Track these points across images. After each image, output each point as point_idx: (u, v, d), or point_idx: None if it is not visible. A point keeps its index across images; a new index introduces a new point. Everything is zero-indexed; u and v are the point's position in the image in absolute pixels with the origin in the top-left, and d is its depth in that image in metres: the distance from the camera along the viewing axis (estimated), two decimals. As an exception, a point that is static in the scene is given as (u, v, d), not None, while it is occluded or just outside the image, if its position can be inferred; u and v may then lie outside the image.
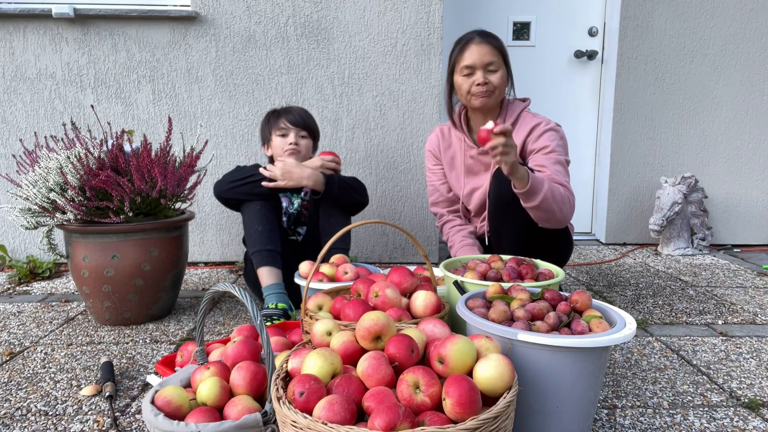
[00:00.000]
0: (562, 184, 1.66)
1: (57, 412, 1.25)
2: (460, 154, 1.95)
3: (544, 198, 1.57)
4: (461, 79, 1.81)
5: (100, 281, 1.77)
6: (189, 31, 2.55)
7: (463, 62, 1.79)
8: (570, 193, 1.67)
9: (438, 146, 2.01)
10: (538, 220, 1.65)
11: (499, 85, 1.80)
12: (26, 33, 2.51)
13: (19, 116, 2.58)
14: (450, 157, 1.99)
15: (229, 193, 1.89)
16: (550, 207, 1.60)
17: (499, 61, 1.79)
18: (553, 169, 1.72)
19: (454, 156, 1.98)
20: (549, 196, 1.58)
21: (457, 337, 0.91)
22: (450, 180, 2.02)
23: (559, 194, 1.62)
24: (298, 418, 0.77)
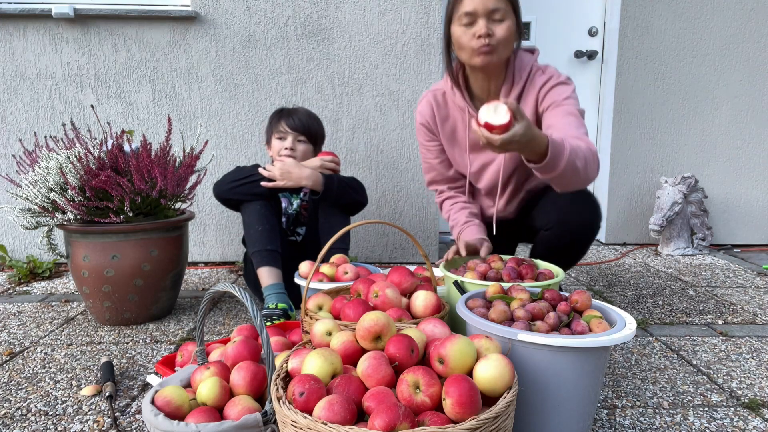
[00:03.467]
0: (578, 138, 1.38)
1: (57, 412, 1.25)
2: (463, 126, 1.65)
3: (567, 165, 1.28)
4: (460, 30, 1.48)
5: (100, 281, 1.77)
6: (189, 31, 2.55)
7: (463, 8, 1.45)
8: (590, 147, 1.37)
9: (432, 118, 1.69)
10: (558, 187, 1.39)
11: (506, 38, 1.46)
12: (26, 33, 2.51)
13: (19, 116, 2.58)
14: (449, 130, 1.68)
15: (228, 193, 1.89)
16: (574, 171, 1.31)
17: (506, 8, 1.45)
18: (565, 122, 1.45)
19: (454, 128, 1.67)
20: (572, 160, 1.29)
21: (457, 337, 0.91)
22: (452, 156, 1.74)
23: (582, 154, 1.32)
24: (298, 418, 0.77)
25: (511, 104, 1.14)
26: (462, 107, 1.63)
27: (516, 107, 1.15)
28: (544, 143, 1.23)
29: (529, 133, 1.17)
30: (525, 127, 1.16)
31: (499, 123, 1.14)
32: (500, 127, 1.14)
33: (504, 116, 1.14)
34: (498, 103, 1.15)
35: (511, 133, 1.15)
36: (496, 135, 1.15)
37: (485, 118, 1.15)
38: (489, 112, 1.15)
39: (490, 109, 1.15)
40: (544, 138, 1.23)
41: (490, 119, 1.15)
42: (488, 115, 1.15)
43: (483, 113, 1.16)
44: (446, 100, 1.66)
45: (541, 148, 1.23)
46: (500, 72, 1.56)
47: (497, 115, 1.14)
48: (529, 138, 1.18)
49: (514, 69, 1.56)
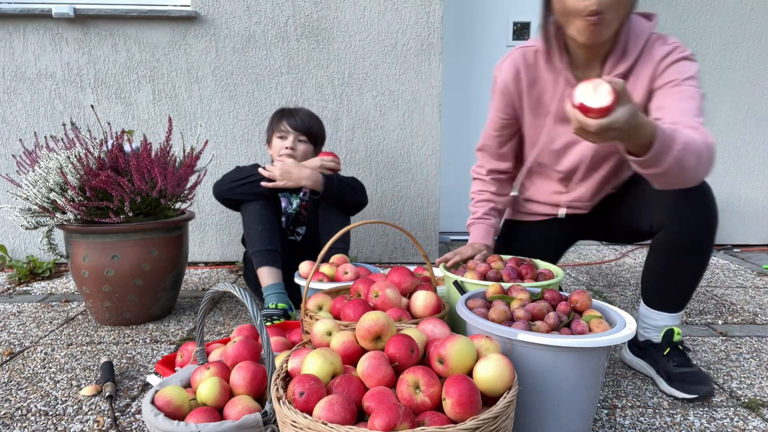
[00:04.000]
0: (694, 129, 1.14)
1: (57, 412, 1.25)
2: (553, 94, 1.42)
3: (675, 162, 1.07)
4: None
5: (100, 281, 1.77)
6: (189, 31, 2.55)
7: None
8: (707, 140, 1.12)
9: (516, 81, 1.45)
10: (658, 184, 1.18)
11: (618, 9, 1.20)
12: (26, 33, 2.51)
13: (19, 116, 2.58)
14: (536, 96, 1.45)
15: (228, 193, 1.89)
16: (681, 170, 1.09)
17: None
18: (681, 107, 1.21)
19: (541, 96, 1.45)
20: (682, 156, 1.07)
21: (457, 337, 0.91)
22: (529, 130, 1.51)
23: (695, 149, 1.08)
24: (298, 418, 0.77)
25: (617, 84, 0.95)
26: (557, 71, 1.38)
27: (622, 88, 0.95)
28: (649, 133, 1.02)
29: (633, 120, 0.97)
30: (629, 113, 0.96)
31: (599, 105, 0.95)
32: (599, 110, 0.95)
33: (605, 98, 0.95)
34: (600, 81, 0.96)
35: (611, 118, 0.95)
36: (592, 120, 0.96)
37: (581, 99, 0.96)
38: (587, 91, 0.96)
39: (589, 87, 0.96)
40: (650, 127, 1.02)
41: (587, 100, 0.96)
42: (586, 94, 0.96)
43: (580, 92, 0.96)
44: (537, 60, 1.41)
45: (645, 139, 1.02)
46: (606, 42, 1.29)
47: (597, 96, 0.95)
48: (633, 126, 0.98)
49: (627, 36, 1.30)
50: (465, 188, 3.28)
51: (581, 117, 0.97)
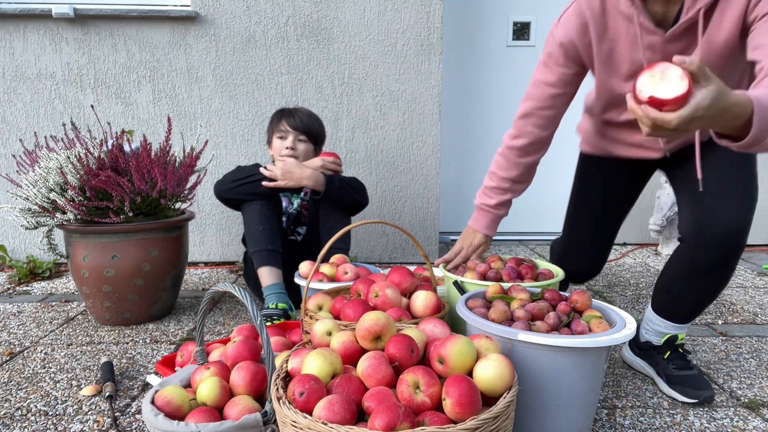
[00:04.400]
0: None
1: (57, 412, 1.25)
2: (628, 43, 1.21)
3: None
4: None
5: (100, 281, 1.76)
6: (189, 31, 2.55)
7: None
8: None
9: (583, 33, 1.25)
10: None
11: None
12: (26, 33, 2.51)
13: (19, 116, 2.58)
14: (607, 49, 1.25)
15: (229, 193, 1.89)
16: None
17: None
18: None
19: (614, 47, 1.24)
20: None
21: (457, 337, 0.91)
22: (602, 86, 1.32)
23: None
24: (298, 418, 0.77)
25: (690, 63, 0.78)
26: (627, 15, 1.17)
27: (697, 66, 0.78)
28: (745, 111, 0.83)
29: (720, 101, 0.80)
30: (714, 94, 0.79)
31: (673, 95, 0.79)
32: (674, 100, 0.79)
33: (679, 84, 0.79)
34: (666, 66, 0.80)
35: (692, 106, 0.78)
36: (669, 113, 0.80)
37: (650, 91, 0.81)
38: (653, 80, 0.81)
39: (655, 75, 0.81)
40: (744, 103, 0.83)
41: (657, 92, 0.80)
42: (652, 85, 0.81)
43: (644, 83, 0.82)
44: (606, 7, 1.21)
45: (740, 121, 0.84)
46: None
47: (667, 84, 0.80)
48: (722, 108, 0.81)
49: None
50: (465, 188, 3.29)
51: (655, 113, 0.80)
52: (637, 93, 0.82)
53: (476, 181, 3.30)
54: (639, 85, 0.82)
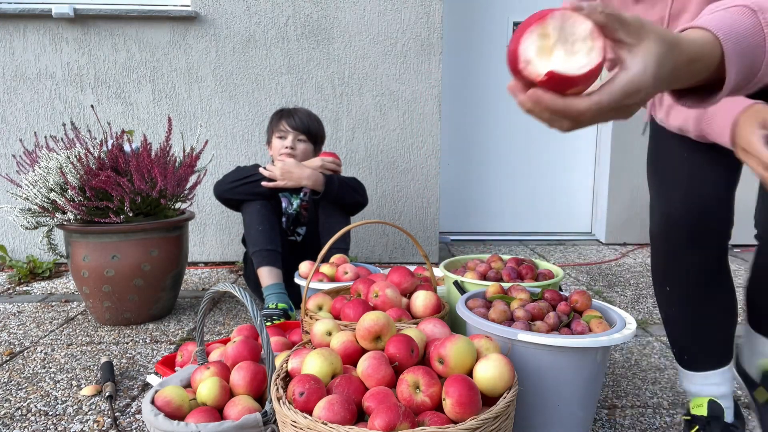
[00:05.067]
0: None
1: (57, 412, 1.24)
2: None
3: None
4: None
5: (100, 281, 1.76)
6: (189, 31, 2.55)
7: None
8: None
9: None
10: None
11: None
12: (26, 33, 2.51)
13: (19, 116, 2.58)
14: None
15: (229, 193, 1.89)
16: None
17: None
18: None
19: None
20: None
21: (457, 337, 0.91)
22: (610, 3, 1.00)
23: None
24: (298, 418, 0.77)
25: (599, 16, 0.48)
26: None
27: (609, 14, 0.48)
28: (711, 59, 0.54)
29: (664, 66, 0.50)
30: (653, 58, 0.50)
31: (583, 70, 0.48)
32: (585, 77, 0.49)
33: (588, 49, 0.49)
34: (564, 16, 0.49)
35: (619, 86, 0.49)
36: (578, 100, 0.49)
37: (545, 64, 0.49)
38: (546, 42, 0.49)
39: (549, 33, 0.49)
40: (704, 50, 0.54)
41: (556, 64, 0.48)
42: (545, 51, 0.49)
43: (532, 49, 0.49)
44: None
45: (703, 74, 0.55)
46: None
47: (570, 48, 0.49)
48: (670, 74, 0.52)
49: None
50: (465, 188, 3.29)
51: (555, 101, 0.49)
52: (523, 67, 0.48)
53: (476, 181, 3.30)
54: (524, 52, 0.48)
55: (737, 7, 0.56)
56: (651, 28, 0.50)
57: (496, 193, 3.32)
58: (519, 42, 0.49)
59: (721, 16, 0.55)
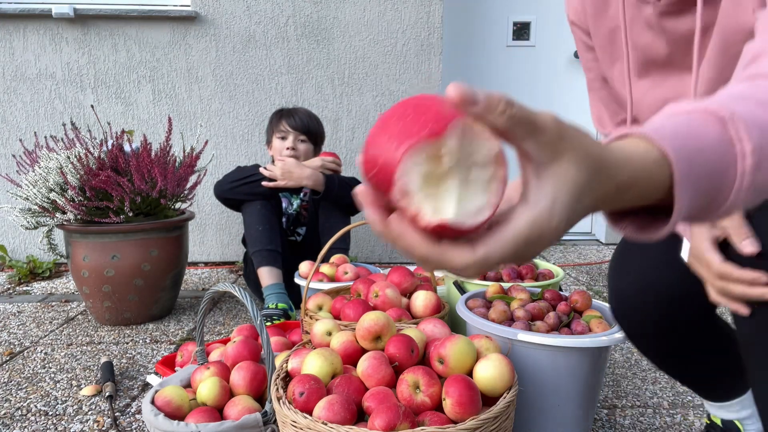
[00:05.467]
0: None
1: (57, 412, 1.24)
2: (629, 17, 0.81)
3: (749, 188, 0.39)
4: None
5: (100, 281, 1.76)
6: (189, 31, 2.55)
7: None
8: None
9: (582, 6, 0.91)
10: None
11: None
12: (26, 33, 2.51)
13: (19, 116, 2.58)
14: (608, 28, 0.87)
15: (229, 193, 1.89)
16: None
17: None
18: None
19: (616, 26, 0.84)
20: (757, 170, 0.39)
21: (457, 337, 0.91)
22: (610, 77, 0.91)
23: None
24: (298, 418, 0.77)
25: (500, 119, 0.32)
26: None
27: (514, 118, 0.32)
28: (658, 181, 0.37)
29: (580, 202, 0.34)
30: (570, 187, 0.34)
31: (474, 220, 0.33)
32: (473, 229, 0.33)
33: (484, 189, 0.33)
34: (459, 127, 0.32)
35: (507, 236, 0.33)
36: (453, 251, 0.34)
37: (432, 206, 0.33)
38: (434, 168, 0.33)
39: (440, 152, 0.32)
40: (648, 168, 0.37)
41: (448, 210, 0.33)
42: (432, 185, 0.33)
43: (416, 182, 0.32)
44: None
45: (646, 198, 0.38)
46: None
47: (465, 187, 0.33)
48: (584, 210, 0.35)
49: None
50: (465, 188, 3.28)
51: (426, 250, 0.34)
52: (397, 198, 0.33)
53: (476, 181, 3.30)
54: (403, 179, 0.32)
55: (701, 113, 0.39)
56: (572, 141, 0.33)
57: (496, 193, 3.32)
58: (394, 158, 0.31)
59: (678, 123, 0.39)
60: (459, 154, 0.32)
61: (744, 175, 0.37)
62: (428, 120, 0.32)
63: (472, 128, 0.33)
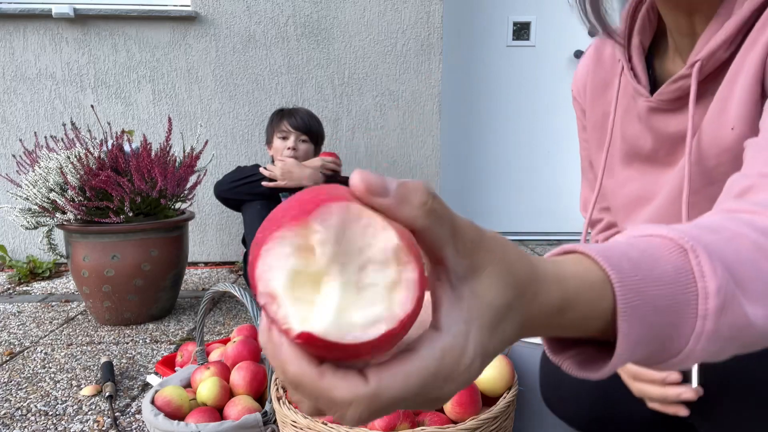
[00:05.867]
0: None
1: (57, 412, 1.24)
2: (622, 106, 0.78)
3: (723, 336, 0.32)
4: None
5: (100, 281, 1.76)
6: (189, 31, 2.55)
7: None
8: None
9: (584, 83, 0.85)
10: None
11: None
12: (26, 33, 2.51)
13: (19, 116, 2.58)
14: (602, 112, 0.82)
15: (229, 193, 1.90)
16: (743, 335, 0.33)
17: None
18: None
19: (608, 110, 0.80)
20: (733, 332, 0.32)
21: (457, 337, 0.90)
22: (595, 162, 0.87)
23: None
24: (298, 418, 0.77)
25: (414, 212, 0.26)
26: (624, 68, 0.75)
27: (434, 212, 0.26)
28: (601, 309, 0.30)
29: (501, 331, 0.28)
30: (478, 317, 0.27)
31: (363, 336, 0.24)
32: (363, 347, 0.24)
33: (385, 296, 0.24)
34: (351, 212, 0.25)
35: (411, 369, 0.25)
36: (338, 381, 0.25)
37: (301, 312, 0.24)
38: (317, 264, 0.25)
39: (321, 243, 0.24)
40: (589, 292, 0.30)
41: (322, 318, 0.24)
42: (306, 286, 0.25)
43: (279, 272, 0.24)
44: (613, 58, 0.80)
45: (588, 329, 0.31)
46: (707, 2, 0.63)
47: (355, 293, 0.24)
48: (508, 340, 0.29)
49: None
50: (465, 188, 3.29)
51: (303, 375, 0.25)
52: (265, 303, 0.24)
53: (476, 181, 3.31)
54: (265, 277, 0.24)
55: (659, 238, 0.33)
56: (493, 252, 0.27)
57: (496, 192, 3.32)
58: (256, 254, 0.25)
59: (631, 245, 0.33)
60: (338, 246, 0.24)
61: (706, 319, 0.31)
62: (303, 204, 0.25)
63: (360, 214, 0.25)
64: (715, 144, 0.63)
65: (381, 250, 0.25)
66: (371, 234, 0.25)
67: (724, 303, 0.31)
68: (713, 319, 0.31)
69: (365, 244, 0.25)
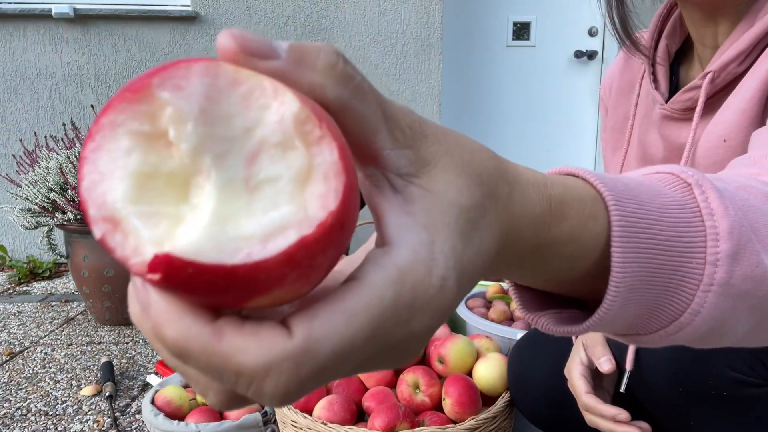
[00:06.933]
0: None
1: (57, 412, 1.25)
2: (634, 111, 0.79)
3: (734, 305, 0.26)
4: None
5: (100, 281, 1.76)
6: (189, 31, 2.55)
7: None
8: None
9: (611, 84, 0.86)
10: None
11: None
12: (26, 33, 2.51)
13: (19, 116, 2.58)
14: (623, 115, 0.83)
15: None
16: None
17: None
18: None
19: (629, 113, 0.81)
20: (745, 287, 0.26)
21: (457, 337, 0.91)
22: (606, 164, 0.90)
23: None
24: (298, 418, 0.77)
25: (321, 76, 0.17)
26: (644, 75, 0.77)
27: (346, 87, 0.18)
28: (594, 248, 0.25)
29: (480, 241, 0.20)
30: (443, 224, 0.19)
31: (262, 253, 0.16)
32: (262, 269, 0.16)
33: (290, 195, 0.16)
34: (224, 72, 0.16)
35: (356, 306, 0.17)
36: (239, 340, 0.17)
37: (155, 239, 0.18)
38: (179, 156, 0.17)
39: (177, 121, 0.17)
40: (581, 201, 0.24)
41: (188, 236, 0.16)
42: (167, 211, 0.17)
43: (118, 175, 0.17)
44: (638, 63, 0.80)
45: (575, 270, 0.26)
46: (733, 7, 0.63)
47: (249, 196, 0.16)
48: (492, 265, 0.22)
49: None
50: (465, 188, 3.28)
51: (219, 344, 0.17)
52: (104, 234, 0.18)
53: (476, 181, 3.30)
54: (101, 198, 0.17)
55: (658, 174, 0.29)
56: (445, 143, 0.21)
57: (496, 193, 3.32)
58: (82, 162, 0.18)
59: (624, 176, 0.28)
60: (206, 126, 0.16)
61: (717, 265, 0.24)
62: (146, 74, 0.18)
63: (236, 77, 0.16)
64: (706, 155, 0.63)
65: (276, 126, 0.16)
66: (258, 105, 0.16)
67: (738, 247, 0.25)
68: (725, 267, 0.24)
69: (251, 120, 0.16)
